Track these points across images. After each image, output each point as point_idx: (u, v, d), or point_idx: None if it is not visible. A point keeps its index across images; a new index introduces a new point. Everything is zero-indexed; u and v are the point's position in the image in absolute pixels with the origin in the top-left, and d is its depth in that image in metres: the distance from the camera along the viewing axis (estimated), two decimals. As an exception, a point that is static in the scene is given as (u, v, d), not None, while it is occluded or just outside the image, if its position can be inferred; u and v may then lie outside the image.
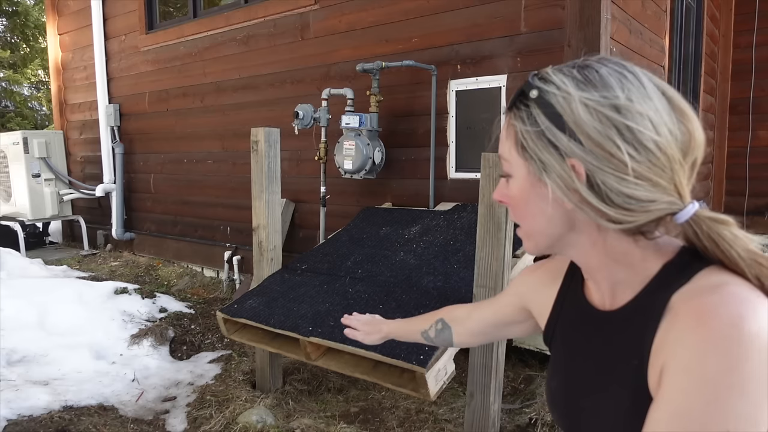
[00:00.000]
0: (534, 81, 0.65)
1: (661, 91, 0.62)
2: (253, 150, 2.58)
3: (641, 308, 0.65)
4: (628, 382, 0.64)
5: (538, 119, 0.63)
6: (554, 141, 0.62)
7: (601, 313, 0.72)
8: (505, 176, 0.71)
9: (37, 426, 2.23)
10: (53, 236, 6.04)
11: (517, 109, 0.66)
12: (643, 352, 0.62)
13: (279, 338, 2.27)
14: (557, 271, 0.84)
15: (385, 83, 3.16)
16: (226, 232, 4.34)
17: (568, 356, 0.78)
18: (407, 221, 2.84)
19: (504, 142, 0.70)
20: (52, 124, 8.66)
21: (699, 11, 4.36)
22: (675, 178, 0.61)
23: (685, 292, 0.61)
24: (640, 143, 0.59)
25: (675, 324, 0.59)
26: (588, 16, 2.46)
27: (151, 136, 4.95)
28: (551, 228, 0.68)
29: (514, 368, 2.71)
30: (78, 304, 3.24)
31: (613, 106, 0.60)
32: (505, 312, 0.98)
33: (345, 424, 2.28)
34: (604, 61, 0.64)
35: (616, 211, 0.61)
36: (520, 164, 0.67)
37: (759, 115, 4.88)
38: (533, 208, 0.68)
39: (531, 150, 0.64)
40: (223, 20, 4.13)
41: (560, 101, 0.62)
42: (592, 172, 0.61)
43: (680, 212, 0.60)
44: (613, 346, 0.68)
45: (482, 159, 1.98)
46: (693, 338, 0.56)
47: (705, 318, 0.56)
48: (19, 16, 10.84)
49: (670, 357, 0.58)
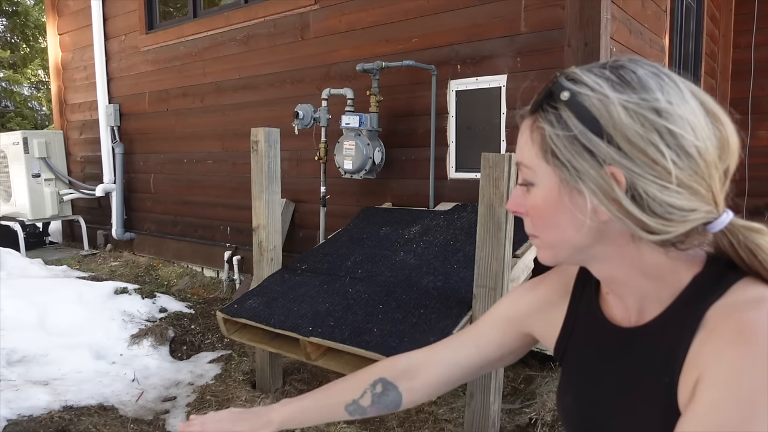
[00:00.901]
0: (563, 82, 0.60)
1: (695, 94, 0.59)
2: (253, 150, 2.58)
3: (672, 323, 0.62)
4: (657, 399, 0.61)
5: (570, 123, 0.58)
6: (590, 146, 0.58)
7: (624, 330, 0.69)
8: (525, 185, 0.66)
9: (37, 426, 2.23)
10: (53, 236, 6.04)
11: (544, 111, 0.61)
12: (674, 368, 0.59)
13: (279, 338, 2.27)
14: (564, 285, 0.80)
15: (385, 83, 3.16)
16: (226, 232, 4.34)
17: (583, 374, 0.75)
18: (407, 221, 2.84)
19: (525, 148, 0.64)
20: (52, 124, 8.66)
21: (699, 11, 4.36)
22: (712, 186, 0.58)
23: (722, 306, 0.58)
24: (683, 149, 0.56)
25: (712, 339, 0.57)
26: (588, 16, 2.46)
27: (151, 136, 4.95)
28: (579, 239, 0.63)
29: (514, 368, 2.71)
30: (78, 304, 3.24)
31: (654, 109, 0.56)
32: (496, 344, 0.84)
33: (345, 424, 2.28)
34: (638, 62, 0.60)
35: (657, 221, 0.57)
36: (547, 172, 0.62)
37: (759, 115, 4.89)
38: (561, 218, 0.63)
39: (563, 156, 0.59)
40: (223, 20, 4.13)
41: (596, 103, 0.57)
42: (633, 180, 0.57)
43: (715, 221, 0.58)
44: (639, 363, 0.65)
45: (482, 159, 1.98)
46: (732, 354, 0.54)
47: (746, 334, 0.54)
48: (19, 16, 10.84)
49: (706, 372, 0.55)
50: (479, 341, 0.85)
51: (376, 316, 2.07)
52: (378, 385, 0.85)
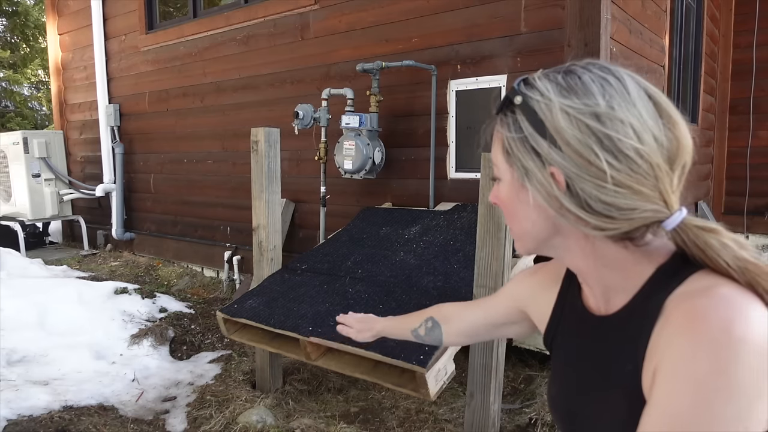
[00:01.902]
0: (519, 87, 0.65)
1: (648, 95, 0.61)
2: (253, 150, 2.59)
3: (636, 312, 0.65)
4: (625, 387, 0.64)
5: (522, 125, 0.64)
6: (536, 148, 0.62)
7: (596, 318, 0.72)
8: (495, 179, 0.73)
9: (37, 426, 2.23)
10: (53, 236, 6.05)
11: (504, 115, 0.67)
12: (637, 357, 0.62)
13: (279, 338, 2.27)
14: (556, 274, 0.84)
15: (385, 83, 3.16)
16: (226, 232, 4.34)
17: (567, 361, 0.78)
18: (407, 221, 2.84)
19: (493, 147, 0.71)
20: (52, 124, 8.67)
21: (699, 11, 4.36)
22: (660, 186, 0.60)
23: (678, 295, 0.60)
24: (620, 151, 0.59)
25: (666, 327, 0.59)
26: (588, 16, 2.46)
27: (151, 136, 4.95)
28: (536, 232, 0.69)
29: (514, 368, 2.71)
30: (78, 304, 3.24)
31: (593, 114, 0.60)
32: (498, 313, 0.97)
33: (345, 424, 2.28)
34: (589, 66, 0.63)
35: (597, 218, 0.61)
36: (506, 169, 0.68)
37: (759, 115, 4.88)
38: (519, 212, 0.69)
39: (515, 156, 0.65)
40: (223, 20, 4.13)
41: (542, 108, 0.62)
42: (572, 180, 0.61)
43: (667, 220, 0.60)
44: (609, 351, 0.68)
45: (482, 159, 1.99)
46: (682, 341, 0.56)
47: (695, 321, 0.56)
48: (19, 16, 10.84)
49: (661, 360, 0.58)
50: (489, 309, 1.00)
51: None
52: (429, 322, 1.08)
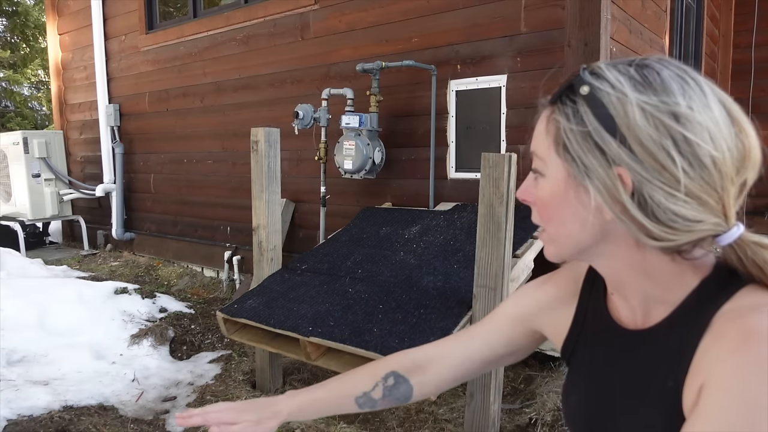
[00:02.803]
0: (585, 76, 0.58)
1: (721, 101, 0.57)
2: (253, 150, 2.59)
3: (678, 326, 0.62)
4: (662, 403, 0.61)
5: (585, 118, 0.57)
6: (602, 145, 0.56)
7: (630, 332, 0.68)
8: (535, 173, 0.65)
9: (37, 426, 2.23)
10: (53, 236, 6.04)
11: (562, 104, 0.60)
12: (679, 372, 0.59)
13: (279, 338, 2.27)
14: (573, 283, 0.79)
15: (385, 83, 3.16)
16: (226, 232, 4.34)
17: (590, 374, 0.74)
18: (407, 221, 2.84)
19: (540, 138, 0.63)
20: (52, 124, 8.66)
21: (699, 11, 4.36)
22: (724, 198, 0.56)
23: (728, 311, 0.57)
24: (697, 157, 0.54)
25: (716, 344, 0.56)
26: (588, 16, 2.46)
27: (151, 136, 4.95)
28: (583, 236, 0.62)
29: (514, 368, 2.71)
30: (78, 304, 3.24)
31: (672, 113, 0.55)
32: (500, 338, 0.84)
33: (345, 424, 2.28)
34: (665, 63, 0.58)
35: (660, 228, 0.56)
36: (557, 164, 0.61)
37: (759, 115, 4.87)
38: (566, 212, 0.62)
39: (574, 151, 0.59)
40: (223, 20, 4.13)
41: (614, 101, 0.56)
42: (640, 184, 0.55)
43: (724, 234, 0.57)
44: (644, 366, 0.65)
45: (482, 159, 1.98)
46: (736, 359, 0.53)
47: (750, 339, 0.53)
48: (19, 16, 10.84)
49: (710, 376, 0.55)
50: (489, 337, 0.84)
51: (376, 316, 2.07)
52: (390, 378, 0.84)
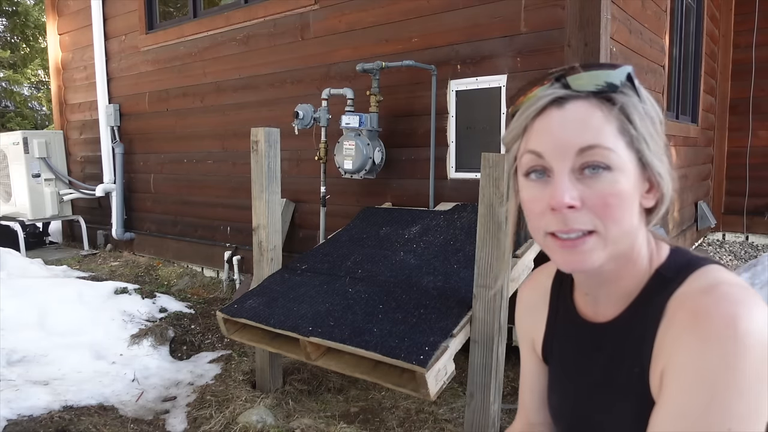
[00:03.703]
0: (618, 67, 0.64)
1: None
2: (253, 150, 2.59)
3: (638, 316, 0.65)
4: (632, 391, 0.64)
5: (646, 106, 0.63)
6: (658, 128, 0.63)
7: (595, 326, 0.71)
8: (597, 167, 0.60)
9: (37, 426, 2.23)
10: (53, 236, 6.04)
11: (623, 94, 0.61)
12: (643, 359, 0.62)
13: (279, 338, 2.27)
14: (542, 288, 0.82)
15: (385, 83, 3.16)
16: (226, 232, 4.34)
17: (566, 372, 0.77)
18: (407, 221, 2.84)
19: (602, 128, 0.60)
20: (52, 124, 8.66)
21: (699, 11, 4.37)
22: None
23: (679, 296, 0.61)
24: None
25: (671, 327, 0.60)
26: (588, 16, 2.46)
27: (151, 136, 4.95)
28: (636, 230, 0.64)
29: (514, 368, 2.71)
30: (78, 304, 3.24)
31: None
32: (541, 375, 0.86)
33: (345, 424, 2.28)
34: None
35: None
36: (626, 154, 0.60)
37: (759, 115, 4.89)
38: (634, 206, 0.62)
39: (645, 139, 0.61)
40: (223, 20, 4.13)
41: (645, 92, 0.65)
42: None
43: None
44: (612, 357, 0.68)
45: (482, 159, 1.98)
46: (689, 339, 0.56)
47: (699, 318, 0.56)
48: (19, 16, 10.84)
49: (669, 359, 0.58)
50: (538, 375, 0.86)
51: (376, 316, 2.07)
52: None
